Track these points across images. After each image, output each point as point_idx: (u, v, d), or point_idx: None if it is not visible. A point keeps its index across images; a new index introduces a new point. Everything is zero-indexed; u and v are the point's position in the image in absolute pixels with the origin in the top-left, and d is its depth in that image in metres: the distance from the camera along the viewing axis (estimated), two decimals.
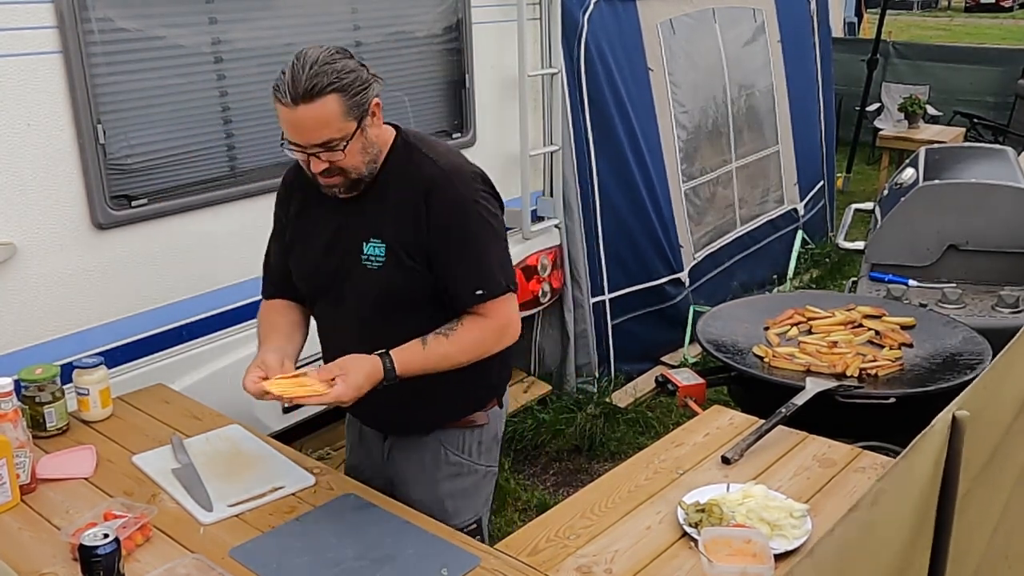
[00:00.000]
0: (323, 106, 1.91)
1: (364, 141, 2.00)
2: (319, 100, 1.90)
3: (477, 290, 2.07)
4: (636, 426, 4.35)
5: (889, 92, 9.95)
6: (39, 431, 2.32)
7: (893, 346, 3.12)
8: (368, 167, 2.05)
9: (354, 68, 1.96)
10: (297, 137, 1.96)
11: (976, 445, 1.37)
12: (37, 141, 2.57)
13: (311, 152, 1.97)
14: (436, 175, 2.07)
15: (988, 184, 4.05)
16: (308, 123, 1.92)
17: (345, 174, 2.02)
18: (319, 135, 1.94)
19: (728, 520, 1.99)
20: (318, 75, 1.89)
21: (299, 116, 1.91)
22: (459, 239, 2.07)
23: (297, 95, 1.89)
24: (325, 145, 1.95)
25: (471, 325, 2.09)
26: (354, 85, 1.94)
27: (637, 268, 4.72)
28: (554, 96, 4.18)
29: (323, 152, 1.96)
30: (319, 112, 1.91)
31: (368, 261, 2.09)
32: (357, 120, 1.96)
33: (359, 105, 1.96)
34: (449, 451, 2.27)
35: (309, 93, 1.89)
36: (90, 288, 2.74)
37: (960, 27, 26.22)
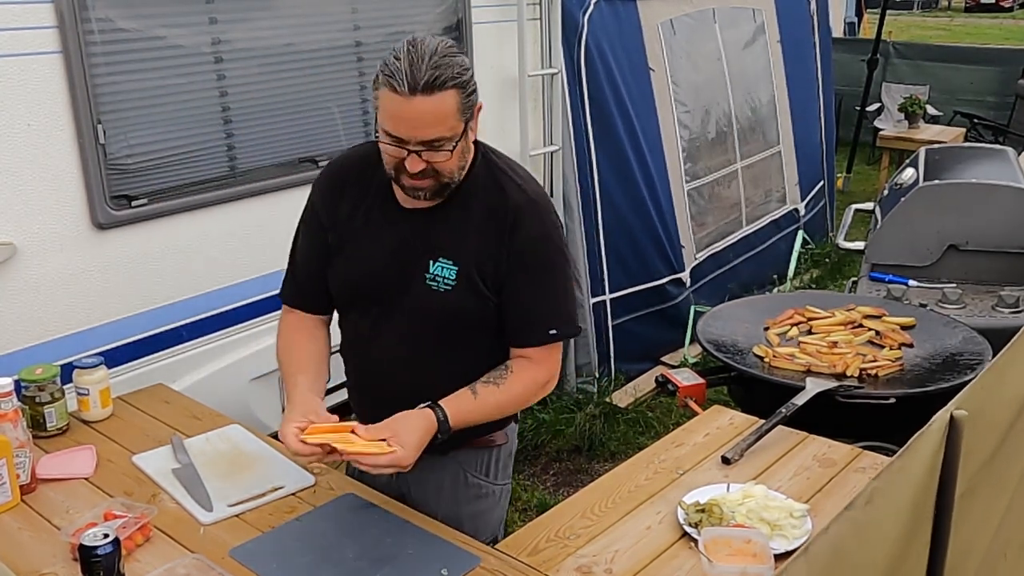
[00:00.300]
0: (442, 101, 1.77)
1: (464, 145, 1.88)
2: (439, 94, 1.76)
3: (551, 329, 1.98)
4: (636, 426, 4.35)
5: (889, 92, 9.95)
6: (39, 431, 2.32)
7: (893, 346, 3.12)
8: (460, 174, 1.92)
9: (470, 67, 1.84)
10: (405, 131, 1.80)
11: (975, 445, 1.37)
12: (37, 141, 2.57)
13: (413, 149, 1.81)
14: (524, 204, 1.95)
15: (988, 184, 4.05)
16: (424, 117, 1.77)
17: (438, 177, 1.87)
18: (430, 131, 1.79)
19: (728, 520, 1.99)
20: (440, 67, 1.75)
21: (414, 108, 1.76)
22: (539, 272, 1.96)
23: (416, 85, 1.74)
24: (432, 143, 1.80)
25: (521, 373, 1.98)
26: (470, 83, 1.83)
27: (638, 268, 4.72)
28: (554, 96, 4.18)
29: (426, 151, 1.81)
30: (437, 106, 1.77)
31: (434, 282, 1.95)
32: (465, 121, 1.84)
33: (471, 106, 1.85)
34: (469, 473, 2.16)
35: (430, 85, 1.74)
36: (90, 288, 2.74)
37: (960, 27, 26.22)
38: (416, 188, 1.89)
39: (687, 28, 5.11)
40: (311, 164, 3.27)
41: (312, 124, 3.29)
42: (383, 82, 1.78)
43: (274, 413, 3.29)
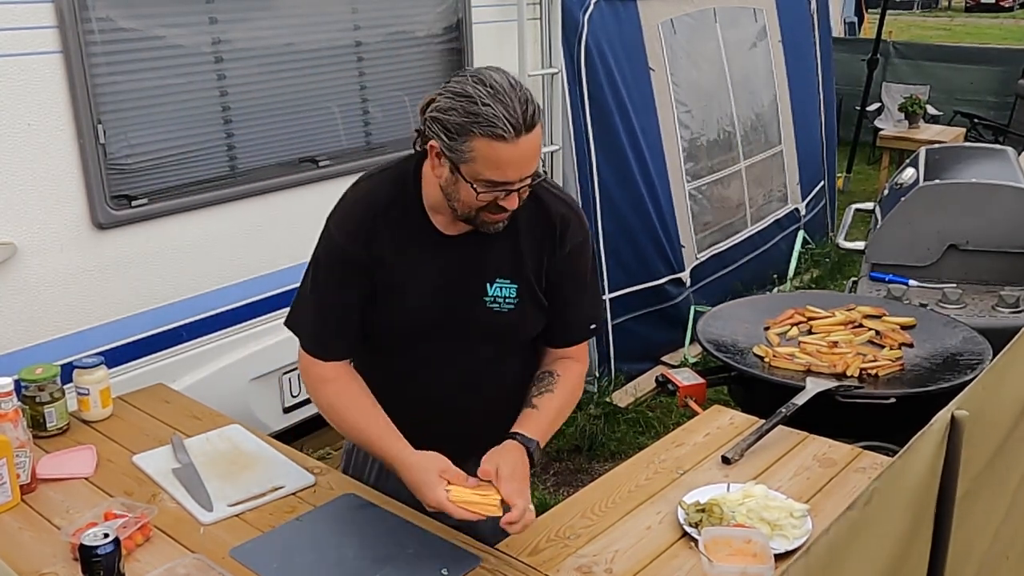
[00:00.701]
0: (536, 133, 1.75)
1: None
2: (535, 129, 1.74)
3: (591, 323, 2.07)
4: (636, 426, 4.35)
5: (889, 92, 9.95)
6: (39, 431, 2.32)
7: (893, 346, 3.12)
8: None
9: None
10: (514, 173, 1.75)
11: (976, 445, 1.37)
12: (37, 141, 2.57)
13: (519, 187, 1.78)
14: (567, 213, 1.98)
15: (988, 184, 4.04)
16: (529, 153, 1.75)
17: (517, 208, 1.85)
18: (531, 165, 1.77)
19: (728, 520, 1.99)
20: (528, 100, 1.74)
21: (521, 149, 1.72)
22: (583, 275, 2.02)
23: (520, 125, 1.71)
24: (533, 175, 1.79)
25: (568, 374, 2.04)
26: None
27: (637, 268, 4.72)
28: (554, 96, 4.18)
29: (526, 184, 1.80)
30: (537, 138, 1.75)
31: (495, 303, 1.94)
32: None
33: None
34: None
35: (531, 120, 1.72)
36: (90, 288, 2.74)
37: (960, 27, 26.23)
38: (494, 223, 1.86)
39: (687, 28, 5.11)
40: (311, 164, 3.27)
41: (312, 124, 3.29)
42: (481, 133, 1.71)
43: (274, 413, 3.30)
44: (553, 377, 2.03)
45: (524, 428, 1.94)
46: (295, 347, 2.34)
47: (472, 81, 1.76)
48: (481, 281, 1.94)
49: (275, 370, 3.26)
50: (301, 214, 3.25)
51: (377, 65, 3.47)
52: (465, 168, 1.77)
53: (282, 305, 3.18)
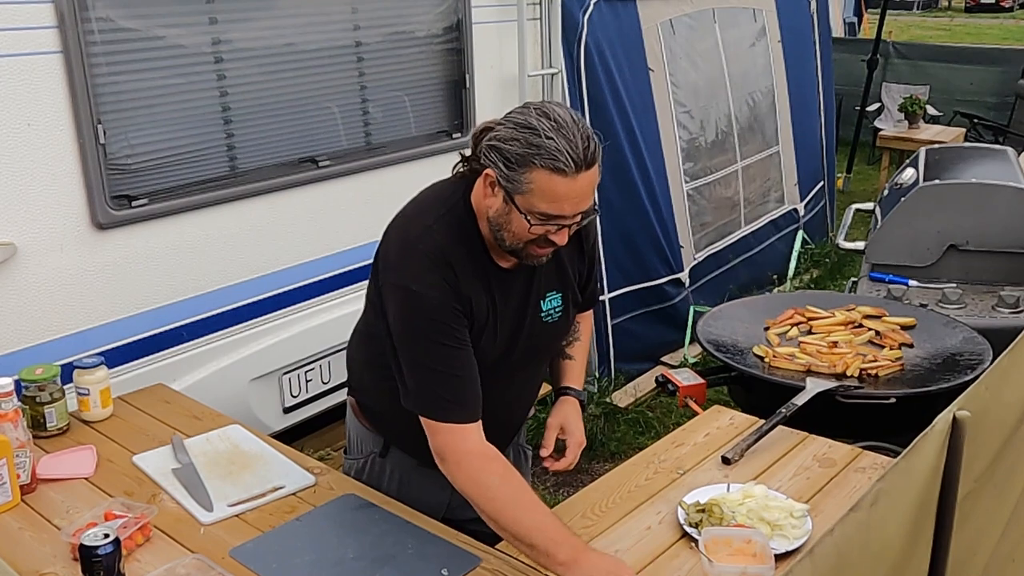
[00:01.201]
0: (595, 170, 1.76)
1: None
2: (594, 166, 1.75)
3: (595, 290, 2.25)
4: (636, 426, 4.35)
5: (889, 92, 9.95)
6: (39, 431, 2.32)
7: (893, 346, 3.12)
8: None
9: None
10: (570, 208, 1.76)
11: (978, 446, 1.37)
12: (37, 141, 2.57)
13: (571, 222, 1.79)
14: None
15: (988, 184, 4.04)
16: (587, 189, 1.75)
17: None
18: (587, 201, 1.78)
19: (728, 520, 1.99)
20: (589, 136, 1.73)
21: (580, 185, 1.73)
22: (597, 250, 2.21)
23: (581, 161, 1.71)
24: (586, 212, 1.79)
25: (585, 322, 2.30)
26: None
27: (636, 268, 4.72)
28: (554, 96, 4.18)
29: (579, 222, 1.81)
30: (594, 176, 1.76)
31: (548, 316, 2.01)
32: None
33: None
34: (524, 449, 2.37)
35: (591, 156, 1.73)
36: (90, 288, 2.74)
37: (960, 27, 26.23)
38: (540, 256, 1.87)
39: (687, 28, 5.11)
40: (311, 164, 3.27)
41: (312, 124, 3.29)
42: (542, 165, 1.70)
43: (274, 413, 3.30)
44: (574, 328, 2.22)
45: (571, 381, 2.23)
46: (295, 347, 2.34)
47: (536, 114, 1.74)
48: (537, 300, 2.01)
49: (275, 370, 3.26)
50: (301, 214, 3.25)
51: (377, 65, 3.47)
52: (521, 199, 1.75)
53: (282, 305, 3.20)
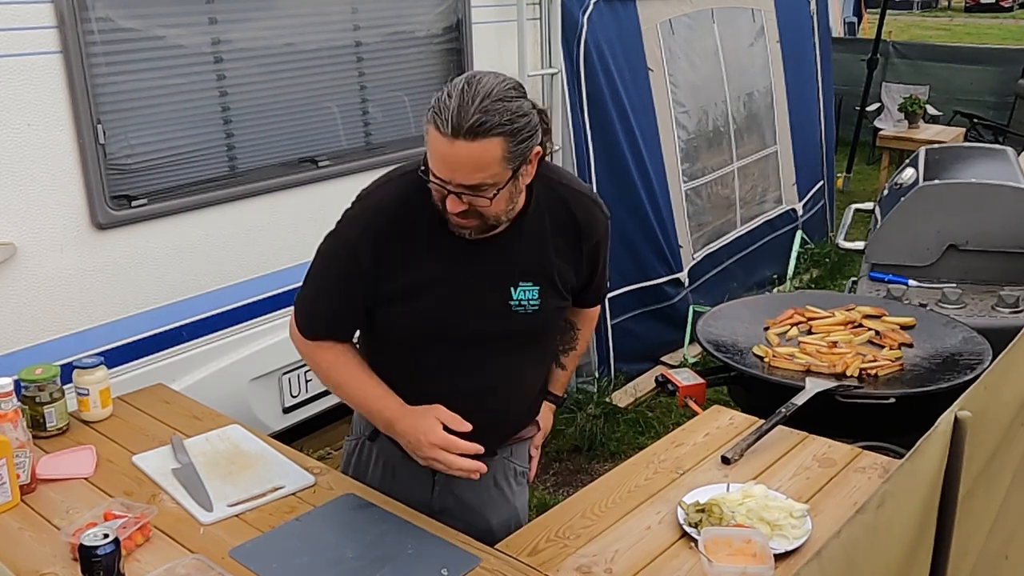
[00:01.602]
0: (485, 148, 1.70)
1: (512, 190, 1.81)
2: (483, 140, 1.69)
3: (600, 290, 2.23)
4: (636, 426, 4.35)
5: (889, 92, 9.95)
6: (39, 431, 2.32)
7: (893, 346, 3.12)
8: (509, 214, 1.87)
9: (527, 112, 1.75)
10: (446, 172, 1.74)
11: (978, 445, 1.37)
12: (37, 141, 2.57)
13: (453, 191, 1.76)
14: (590, 208, 2.03)
15: (988, 184, 4.04)
16: (464, 162, 1.71)
17: (483, 219, 1.83)
18: (471, 177, 1.73)
19: (728, 520, 1.99)
20: (489, 112, 1.69)
21: (455, 151, 1.70)
22: (606, 253, 2.14)
23: (460, 128, 1.68)
24: (474, 188, 1.75)
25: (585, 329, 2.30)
26: (523, 131, 1.74)
27: (636, 268, 4.72)
28: (554, 96, 4.18)
29: (468, 195, 1.77)
30: (479, 153, 1.70)
31: (520, 306, 1.95)
32: (514, 168, 1.77)
33: (521, 154, 1.76)
34: (516, 465, 2.23)
35: (474, 130, 1.68)
36: (90, 288, 2.74)
37: (960, 27, 26.22)
38: (460, 227, 1.86)
39: (686, 28, 5.11)
40: (311, 164, 3.27)
41: (312, 124, 3.29)
42: (431, 118, 1.72)
43: (274, 413, 3.30)
44: (575, 332, 2.26)
45: (556, 388, 2.30)
46: (295, 347, 2.32)
47: (467, 76, 1.77)
48: (505, 285, 1.95)
49: (275, 370, 3.26)
50: (301, 214, 3.25)
51: (377, 65, 3.47)
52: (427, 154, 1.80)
53: (282, 305, 3.20)
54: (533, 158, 1.82)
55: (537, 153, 1.82)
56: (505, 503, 2.21)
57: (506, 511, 2.21)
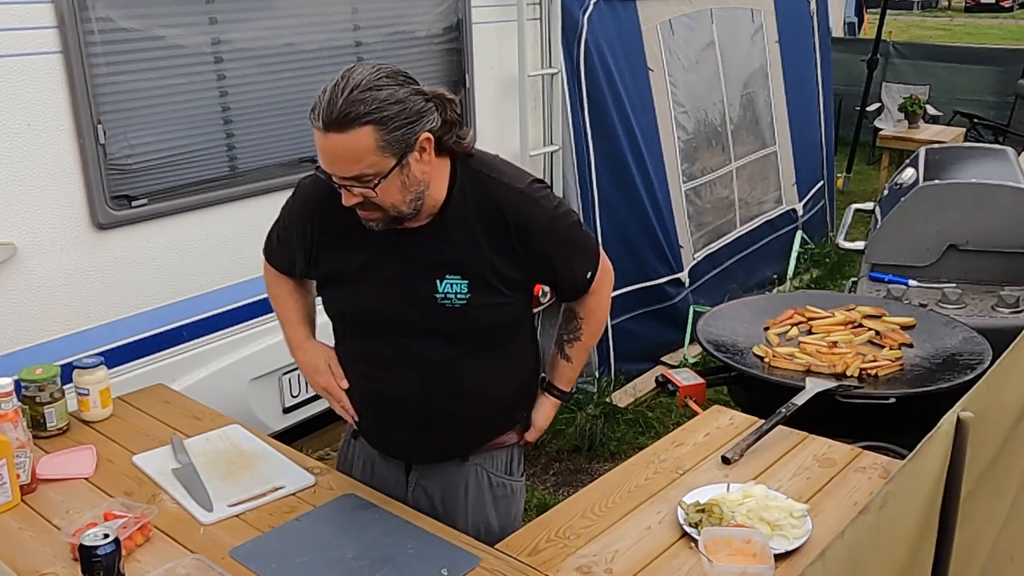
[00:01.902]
0: (354, 138, 1.71)
1: (405, 179, 1.79)
2: (351, 131, 1.70)
3: (587, 273, 2.10)
4: (636, 426, 4.35)
5: (889, 92, 9.95)
6: (39, 431, 2.32)
7: (893, 346, 3.12)
8: (411, 205, 1.85)
9: (402, 99, 1.74)
10: (327, 166, 1.78)
11: (980, 446, 1.37)
12: (37, 141, 2.57)
13: (341, 184, 1.80)
14: (513, 199, 1.92)
15: (988, 184, 4.04)
16: (339, 153, 1.74)
17: (383, 211, 1.83)
18: (349, 168, 1.75)
19: (728, 520, 1.99)
20: (356, 102, 1.69)
21: (329, 144, 1.73)
22: (562, 246, 2.00)
23: (329, 121, 1.70)
24: (357, 179, 1.76)
25: (591, 315, 2.20)
26: (397, 119, 1.73)
27: (636, 268, 4.72)
28: (554, 96, 4.18)
29: (355, 186, 1.78)
30: (349, 144, 1.72)
31: (447, 299, 1.92)
32: (397, 157, 1.76)
33: (401, 141, 1.75)
34: (492, 475, 2.15)
35: (340, 121, 1.70)
36: (90, 288, 2.74)
37: (960, 27, 26.23)
38: (367, 219, 1.87)
39: (686, 28, 5.11)
40: (311, 164, 3.26)
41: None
42: (309, 115, 1.75)
43: (274, 413, 3.30)
44: (578, 321, 2.19)
45: (558, 379, 2.23)
46: None
47: (341, 71, 1.78)
48: (431, 278, 1.92)
49: (275, 370, 3.26)
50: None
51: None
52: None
53: None
54: (423, 144, 1.80)
55: (426, 139, 1.80)
56: (475, 512, 2.14)
57: (476, 518, 2.13)
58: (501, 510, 2.18)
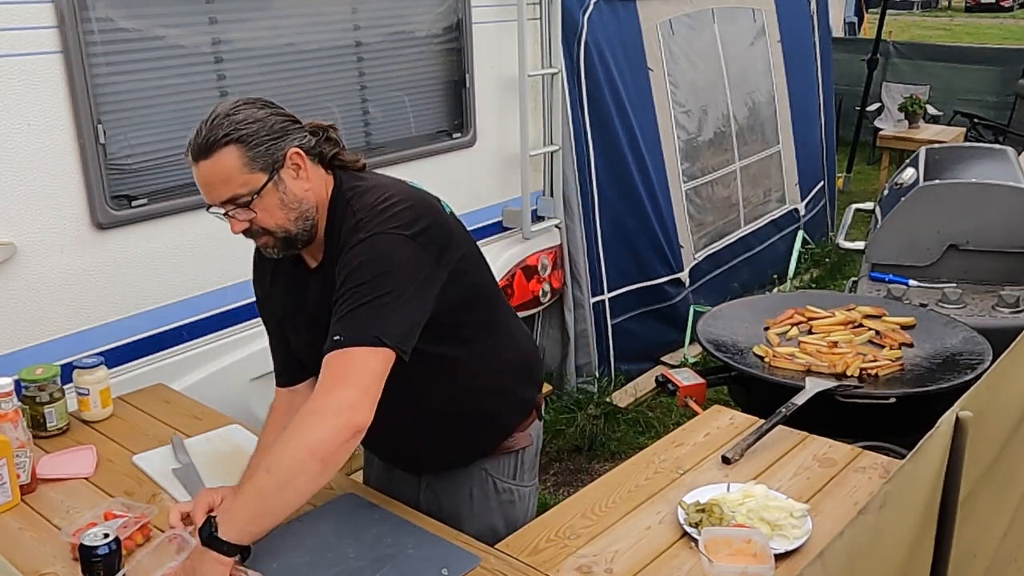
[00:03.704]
0: (220, 159, 1.79)
1: (283, 196, 1.83)
2: (215, 154, 1.79)
3: (336, 335, 1.72)
4: (636, 426, 4.35)
5: (889, 92, 9.95)
6: (39, 431, 2.32)
7: (893, 346, 3.12)
8: (298, 224, 1.86)
9: (260, 118, 1.81)
10: (207, 196, 1.84)
11: (980, 446, 1.37)
12: (37, 141, 2.57)
13: (223, 212, 1.85)
14: (351, 229, 1.82)
15: (988, 184, 4.04)
16: (209, 179, 1.81)
17: (271, 234, 1.87)
18: (222, 192, 1.81)
19: (728, 520, 1.99)
20: (215, 128, 1.79)
21: (201, 173, 1.81)
22: (343, 282, 1.77)
23: (196, 151, 1.80)
24: (232, 201, 1.82)
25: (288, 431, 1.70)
26: (257, 135, 1.80)
27: (636, 268, 4.73)
28: (554, 96, 4.18)
29: (235, 210, 1.83)
30: (217, 167, 1.79)
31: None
32: (267, 172, 1.81)
33: (266, 156, 1.81)
34: (497, 480, 2.16)
35: (204, 148, 1.79)
36: (90, 288, 2.74)
37: (960, 27, 26.23)
38: (263, 247, 1.93)
39: (686, 28, 5.11)
40: None
41: None
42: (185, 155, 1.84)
43: None
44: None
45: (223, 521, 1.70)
46: None
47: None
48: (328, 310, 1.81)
49: None
50: None
51: (377, 65, 3.47)
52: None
53: None
54: (296, 160, 1.84)
55: (296, 154, 1.84)
56: (480, 516, 2.15)
57: (481, 523, 2.14)
58: (508, 515, 2.18)
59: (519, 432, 2.16)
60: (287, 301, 2.04)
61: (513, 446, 2.16)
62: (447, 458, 2.12)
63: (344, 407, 1.67)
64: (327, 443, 1.66)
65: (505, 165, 4.05)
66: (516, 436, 2.16)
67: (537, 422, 2.22)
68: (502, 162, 4.04)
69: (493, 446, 2.14)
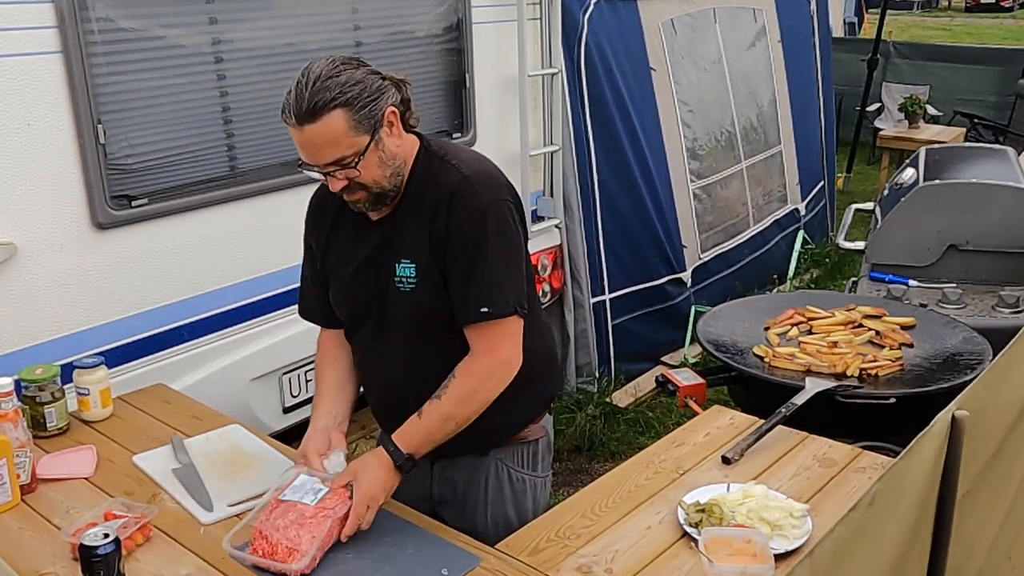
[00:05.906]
0: (328, 123, 1.82)
1: (381, 154, 1.90)
2: (323, 118, 1.82)
3: (483, 307, 1.93)
4: (636, 426, 4.35)
5: (889, 92, 9.95)
6: (39, 431, 2.32)
7: (893, 346, 3.12)
8: (392, 180, 1.95)
9: (360, 79, 1.86)
10: (309, 158, 1.88)
11: (977, 445, 1.37)
12: (37, 141, 2.57)
13: (326, 171, 1.90)
14: (458, 183, 1.94)
15: (988, 184, 4.04)
16: (316, 142, 1.85)
17: (367, 190, 1.93)
18: (329, 154, 1.86)
19: (728, 520, 1.99)
20: (320, 91, 1.81)
21: (306, 137, 1.84)
22: (472, 249, 1.93)
23: (301, 115, 1.82)
24: (338, 163, 1.87)
25: (463, 377, 1.95)
26: (361, 97, 1.85)
27: (637, 268, 4.73)
28: (554, 96, 4.18)
29: (338, 170, 1.88)
30: (325, 130, 1.83)
31: (400, 283, 1.99)
32: (369, 133, 1.87)
33: (369, 117, 1.86)
34: (511, 469, 2.19)
35: (312, 112, 1.81)
36: (90, 288, 2.74)
37: (960, 27, 26.23)
38: (354, 203, 1.98)
39: (688, 28, 5.12)
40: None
41: None
42: (282, 118, 1.86)
43: (274, 413, 3.30)
44: (449, 380, 1.96)
45: (400, 437, 1.95)
46: (295, 347, 2.38)
47: (301, 71, 1.87)
48: (392, 262, 2.00)
49: (275, 370, 3.26)
50: (301, 214, 3.24)
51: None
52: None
53: (282, 305, 3.20)
54: (391, 118, 1.91)
55: (392, 113, 1.91)
56: (494, 505, 2.19)
57: (495, 512, 2.19)
58: (520, 505, 2.22)
59: (534, 424, 2.21)
60: (342, 251, 2.10)
61: (528, 436, 2.20)
62: (465, 444, 2.08)
63: (511, 367, 1.99)
64: (496, 392, 1.98)
65: (505, 165, 4.01)
66: (531, 428, 2.20)
67: (548, 415, 2.28)
68: (502, 162, 3.99)
69: (510, 435, 2.18)
